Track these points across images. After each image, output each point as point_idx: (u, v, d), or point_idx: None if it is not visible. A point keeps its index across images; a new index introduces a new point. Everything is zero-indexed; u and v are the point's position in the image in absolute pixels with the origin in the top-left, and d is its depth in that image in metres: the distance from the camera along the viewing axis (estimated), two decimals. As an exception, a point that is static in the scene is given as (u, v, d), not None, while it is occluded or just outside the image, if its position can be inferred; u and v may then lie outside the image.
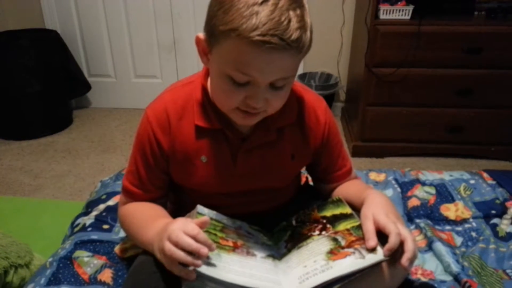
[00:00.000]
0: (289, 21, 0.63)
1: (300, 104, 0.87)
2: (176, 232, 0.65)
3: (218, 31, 0.67)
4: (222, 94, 0.74)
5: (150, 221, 0.79)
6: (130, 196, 0.87)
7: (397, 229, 0.70)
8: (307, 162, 0.93)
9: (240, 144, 0.83)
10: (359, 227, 0.77)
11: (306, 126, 0.87)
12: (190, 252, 0.64)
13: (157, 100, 0.85)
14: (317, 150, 0.90)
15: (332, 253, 0.75)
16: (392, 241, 0.69)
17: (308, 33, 0.67)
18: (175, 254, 0.64)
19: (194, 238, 0.65)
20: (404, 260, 0.68)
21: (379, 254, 0.70)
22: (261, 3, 0.63)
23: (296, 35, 0.64)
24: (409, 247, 0.69)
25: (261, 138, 0.83)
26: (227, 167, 0.84)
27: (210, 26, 0.69)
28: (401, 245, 0.70)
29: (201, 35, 0.74)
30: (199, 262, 0.64)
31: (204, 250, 0.64)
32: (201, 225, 0.68)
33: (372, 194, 0.81)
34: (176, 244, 0.64)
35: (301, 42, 0.66)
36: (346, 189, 0.93)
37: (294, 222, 0.89)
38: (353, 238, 0.76)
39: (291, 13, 0.64)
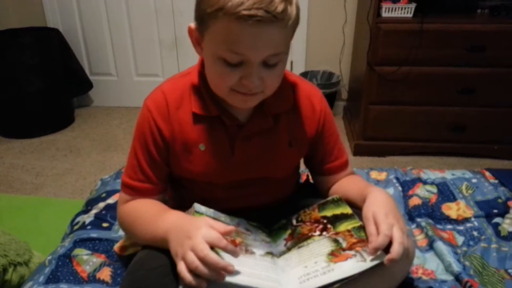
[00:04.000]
0: None
1: (295, 91, 0.88)
2: (202, 246, 0.64)
3: (206, 14, 0.69)
4: (217, 77, 0.75)
5: (159, 215, 0.78)
6: (132, 191, 0.86)
7: (388, 231, 0.69)
8: (305, 151, 0.93)
9: (237, 131, 0.84)
10: (360, 227, 0.77)
11: (302, 113, 0.88)
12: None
13: (155, 91, 0.86)
14: (314, 138, 0.91)
15: (333, 255, 0.74)
16: (378, 241, 0.69)
17: (294, 6, 0.69)
18: (198, 269, 0.63)
19: (223, 250, 0.65)
20: (386, 259, 0.68)
21: (380, 256, 0.70)
22: None
23: (281, 7, 0.66)
24: (394, 248, 0.68)
25: (258, 125, 0.84)
26: (225, 155, 0.84)
27: (199, 11, 0.72)
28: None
29: (193, 24, 0.76)
30: (222, 277, 0.64)
31: (231, 268, 0.64)
32: (228, 234, 0.68)
33: (373, 192, 0.80)
34: (203, 261, 0.64)
35: (287, 14, 0.67)
36: (346, 187, 0.92)
37: (294, 222, 0.88)
38: (354, 240, 0.76)
39: None
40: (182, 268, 0.65)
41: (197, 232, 0.66)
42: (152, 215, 0.80)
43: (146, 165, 0.84)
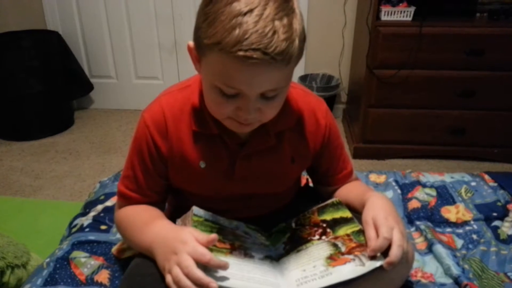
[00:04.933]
0: (274, 32, 0.60)
1: (300, 107, 0.85)
2: (187, 263, 0.64)
3: (203, 44, 0.65)
4: (213, 104, 0.73)
5: (146, 224, 0.78)
6: (127, 201, 0.86)
7: (387, 234, 0.69)
8: (308, 165, 0.92)
9: (238, 149, 0.81)
10: (359, 232, 0.77)
11: (306, 129, 0.86)
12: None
13: (153, 104, 0.83)
14: (317, 152, 0.89)
15: (332, 259, 0.74)
16: (378, 243, 0.69)
17: (297, 42, 0.63)
18: (181, 283, 0.64)
19: (208, 264, 0.65)
20: (385, 263, 0.68)
21: (379, 260, 0.70)
22: (245, 13, 0.60)
23: (282, 48, 0.61)
24: (393, 252, 0.68)
25: (260, 144, 0.82)
26: (226, 173, 0.83)
27: (196, 38, 0.68)
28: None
29: (191, 43, 0.72)
30: None
31: (213, 285, 0.63)
32: (210, 244, 0.68)
33: (373, 197, 0.80)
34: (186, 275, 0.64)
35: (288, 54, 0.62)
36: (347, 192, 0.92)
37: (293, 225, 0.88)
38: (353, 245, 0.75)
39: (277, 23, 0.61)
40: (169, 280, 0.66)
41: (183, 247, 0.66)
42: (140, 224, 0.80)
43: (142, 178, 0.83)
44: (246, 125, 0.73)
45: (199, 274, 0.63)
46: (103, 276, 0.94)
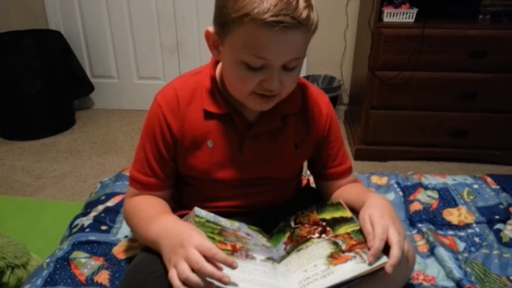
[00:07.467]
0: (297, 1, 0.68)
1: (304, 94, 0.90)
2: (196, 258, 0.64)
3: (230, 19, 0.69)
4: (238, 81, 0.76)
5: (154, 216, 0.79)
6: (139, 185, 0.87)
7: (383, 234, 0.70)
8: (310, 154, 0.94)
9: (246, 130, 0.85)
10: (360, 231, 0.77)
11: (309, 116, 0.90)
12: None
13: (167, 87, 0.87)
14: (319, 141, 0.92)
15: (333, 257, 0.74)
16: (375, 246, 0.69)
17: (315, 12, 0.72)
18: (188, 280, 0.63)
19: (213, 258, 0.65)
20: (387, 266, 0.68)
21: (381, 258, 0.69)
22: None
23: (306, 13, 0.68)
24: (393, 253, 0.68)
25: (266, 125, 0.86)
26: (233, 153, 0.86)
27: (221, 16, 0.72)
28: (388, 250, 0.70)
29: (211, 28, 0.77)
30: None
31: (226, 279, 0.64)
32: (229, 265, 0.67)
33: (372, 197, 0.81)
34: (198, 270, 0.64)
35: (310, 19, 0.70)
36: (347, 193, 0.93)
37: (292, 223, 0.88)
38: (353, 242, 0.75)
39: None
40: (173, 275, 0.65)
41: (190, 240, 0.67)
42: (147, 216, 0.81)
43: (153, 160, 0.86)
44: (268, 98, 0.77)
45: (211, 269, 0.64)
46: (103, 277, 0.94)
